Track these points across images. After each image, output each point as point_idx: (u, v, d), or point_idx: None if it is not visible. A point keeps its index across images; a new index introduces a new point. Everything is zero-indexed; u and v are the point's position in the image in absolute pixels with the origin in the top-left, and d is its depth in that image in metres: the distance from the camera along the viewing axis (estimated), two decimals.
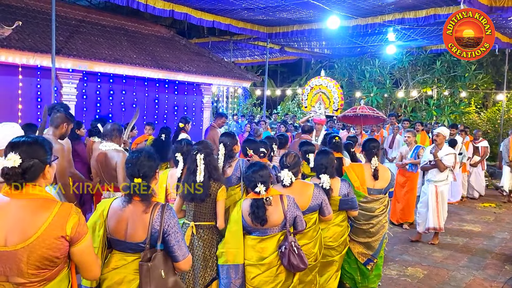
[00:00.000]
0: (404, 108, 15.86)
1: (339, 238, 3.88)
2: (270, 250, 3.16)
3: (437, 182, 6.11)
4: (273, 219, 3.12)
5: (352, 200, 3.89)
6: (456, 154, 6.22)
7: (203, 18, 9.50)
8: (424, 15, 8.94)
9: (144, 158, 2.45)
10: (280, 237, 3.18)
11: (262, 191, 3.10)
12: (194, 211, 3.28)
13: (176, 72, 9.91)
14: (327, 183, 3.75)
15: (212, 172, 3.27)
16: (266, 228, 3.15)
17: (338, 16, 8.98)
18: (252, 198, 3.15)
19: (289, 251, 3.09)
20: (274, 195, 3.17)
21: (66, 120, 4.07)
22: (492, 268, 5.46)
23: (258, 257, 3.17)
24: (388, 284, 4.80)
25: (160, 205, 2.40)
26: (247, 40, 12.99)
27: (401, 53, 14.57)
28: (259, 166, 3.22)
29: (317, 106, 8.54)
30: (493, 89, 17.19)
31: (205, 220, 3.29)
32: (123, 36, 10.21)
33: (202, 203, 3.26)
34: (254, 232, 3.20)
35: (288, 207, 3.18)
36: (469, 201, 9.42)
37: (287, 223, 3.17)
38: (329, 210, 3.64)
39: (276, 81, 24.73)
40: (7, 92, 7.53)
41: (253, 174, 3.17)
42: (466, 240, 6.61)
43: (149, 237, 2.34)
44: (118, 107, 9.49)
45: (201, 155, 3.24)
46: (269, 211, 3.10)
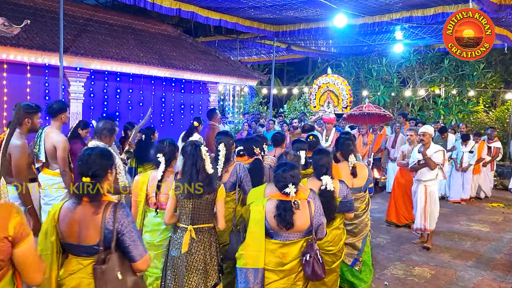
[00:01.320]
0: (411, 107, 15.74)
1: (338, 242, 3.74)
2: (292, 256, 3.00)
3: (426, 182, 5.98)
4: (299, 224, 2.97)
5: (350, 202, 3.76)
6: (444, 151, 6.02)
7: (210, 17, 9.49)
8: (432, 13, 8.85)
9: (96, 156, 2.35)
10: (303, 244, 3.03)
11: (292, 193, 2.93)
12: (192, 213, 3.11)
13: (183, 70, 9.92)
14: (331, 184, 3.58)
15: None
16: (290, 233, 2.99)
17: (345, 14, 8.93)
18: (279, 199, 2.97)
19: (313, 260, 2.95)
20: (302, 199, 3.02)
21: (26, 114, 3.92)
22: (501, 268, 5.41)
23: (277, 262, 3.01)
24: (395, 284, 4.77)
25: (112, 204, 2.30)
26: (253, 38, 12.96)
27: (408, 52, 14.45)
28: (290, 166, 3.04)
29: (326, 105, 8.44)
30: (502, 88, 17.02)
31: (203, 222, 3.14)
32: (130, 34, 10.24)
33: (200, 205, 3.10)
34: (276, 236, 3.03)
35: (315, 213, 3.04)
36: (477, 201, 9.34)
37: (312, 230, 3.02)
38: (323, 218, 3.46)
39: (283, 80, 24.69)
40: (16, 90, 7.59)
41: (284, 173, 2.98)
42: (474, 240, 6.55)
43: (103, 239, 2.25)
44: (125, 105, 9.53)
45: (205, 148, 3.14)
46: (296, 215, 2.94)
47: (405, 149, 7.08)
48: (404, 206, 7.05)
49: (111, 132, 4.13)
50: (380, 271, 5.11)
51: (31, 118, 3.95)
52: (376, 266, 5.28)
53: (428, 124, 7.76)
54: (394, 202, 7.14)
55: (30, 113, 3.94)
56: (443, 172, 5.99)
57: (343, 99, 8.23)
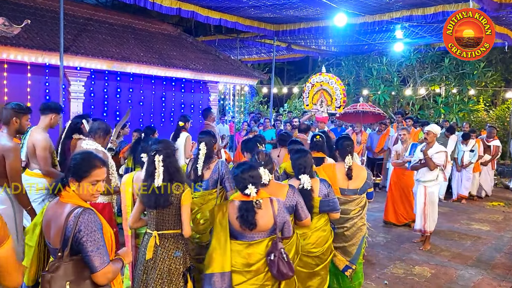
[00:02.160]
0: (411, 106, 15.75)
1: (322, 244, 3.60)
2: (258, 256, 2.96)
3: (426, 182, 5.87)
4: (262, 224, 2.93)
5: (333, 201, 3.63)
6: (447, 152, 5.91)
7: (210, 16, 9.49)
8: (432, 12, 8.85)
9: (81, 155, 2.31)
10: (268, 243, 2.99)
11: (252, 193, 2.90)
12: (156, 218, 2.99)
13: (183, 70, 9.92)
14: (308, 183, 3.51)
15: (173, 175, 2.99)
16: (254, 233, 2.95)
17: (345, 13, 8.92)
18: (241, 200, 2.94)
19: (278, 259, 2.91)
20: (264, 198, 2.97)
21: (15, 114, 3.81)
22: (501, 267, 5.41)
23: (244, 263, 2.97)
24: (395, 283, 4.78)
25: (79, 209, 2.17)
26: (254, 38, 12.95)
27: (409, 51, 14.45)
28: (249, 166, 3.00)
29: (319, 103, 8.31)
30: (503, 86, 17.02)
31: (169, 228, 2.99)
32: (130, 34, 10.24)
33: (164, 210, 2.96)
34: (240, 237, 3.00)
35: (279, 211, 2.98)
36: (478, 200, 9.34)
37: (276, 229, 2.97)
38: (305, 214, 3.39)
39: (283, 79, 24.69)
40: (16, 90, 7.59)
41: (242, 174, 2.94)
42: (475, 239, 6.55)
43: (61, 244, 2.13)
44: (125, 105, 9.53)
45: (159, 156, 2.95)
46: (258, 215, 2.90)
47: (398, 148, 7.00)
48: (402, 206, 7.01)
49: (105, 133, 4.05)
50: (380, 270, 5.12)
51: (19, 118, 3.84)
52: (376, 265, 5.29)
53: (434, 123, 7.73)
54: (391, 202, 7.09)
55: (19, 113, 3.85)
56: (444, 173, 5.93)
57: (336, 98, 8.10)
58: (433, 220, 5.95)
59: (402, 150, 6.89)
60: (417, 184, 6.04)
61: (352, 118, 9.21)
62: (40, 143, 4.11)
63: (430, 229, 5.92)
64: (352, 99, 16.30)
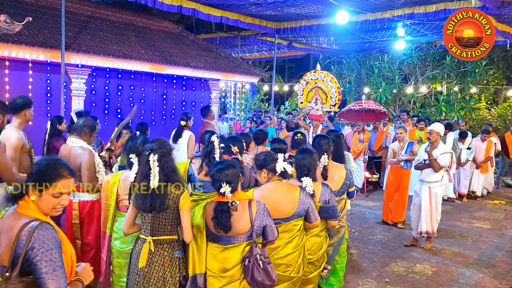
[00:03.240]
0: (413, 104, 15.73)
1: (318, 250, 3.46)
2: (234, 261, 2.81)
3: (431, 183, 5.70)
4: (238, 227, 2.77)
5: (333, 208, 3.44)
6: (452, 153, 5.69)
7: (211, 14, 9.49)
8: (434, 10, 8.84)
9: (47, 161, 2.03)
10: (246, 247, 2.82)
11: (227, 193, 2.73)
12: (152, 223, 2.81)
13: (184, 67, 9.91)
14: (310, 187, 3.31)
15: (170, 176, 2.81)
16: (230, 236, 2.80)
17: (346, 11, 8.90)
18: (217, 200, 2.81)
19: (252, 265, 2.74)
20: (242, 200, 2.81)
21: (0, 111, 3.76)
22: (502, 266, 5.41)
23: (220, 268, 2.83)
24: (396, 281, 4.78)
25: (34, 222, 1.86)
26: (255, 35, 12.95)
27: (410, 48, 14.43)
28: (225, 164, 2.85)
29: (314, 101, 8.14)
30: (504, 84, 16.99)
31: (165, 234, 2.83)
32: (131, 31, 10.24)
33: (160, 214, 2.79)
34: (217, 240, 2.86)
35: (257, 214, 2.80)
36: (479, 198, 9.31)
37: (253, 233, 2.80)
38: (316, 216, 3.24)
39: (284, 77, 24.66)
40: (18, 87, 7.59)
41: (217, 173, 2.79)
42: (476, 237, 6.55)
43: (10, 262, 1.83)
44: (127, 102, 9.53)
45: (154, 156, 2.76)
46: (234, 217, 2.75)
47: (395, 146, 6.87)
48: (395, 205, 6.85)
49: (91, 129, 3.91)
50: (381, 268, 5.12)
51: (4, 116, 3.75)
52: (377, 263, 5.29)
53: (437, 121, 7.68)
54: (387, 201, 6.99)
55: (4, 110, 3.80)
56: (449, 174, 5.82)
57: (331, 96, 7.96)
58: (437, 221, 5.86)
59: (399, 148, 6.77)
60: (421, 185, 5.86)
61: (353, 116, 9.15)
62: (9, 141, 3.87)
63: (434, 230, 5.84)
64: (354, 97, 16.29)
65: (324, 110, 8.09)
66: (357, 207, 8.08)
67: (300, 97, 8.43)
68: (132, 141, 3.33)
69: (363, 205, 8.22)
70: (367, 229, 6.72)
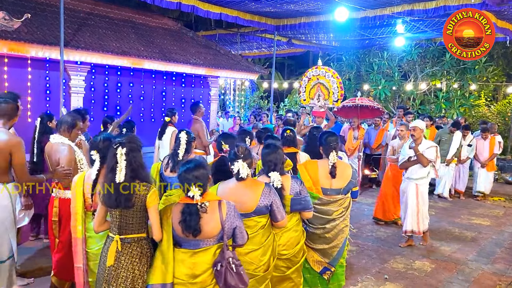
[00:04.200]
0: (412, 101, 15.73)
1: (294, 245, 3.36)
2: (204, 266, 2.67)
3: (418, 180, 5.61)
4: (208, 230, 2.64)
5: (305, 199, 3.35)
6: (437, 147, 5.62)
7: (210, 11, 9.46)
8: (433, 6, 8.80)
9: None
10: (216, 251, 2.69)
11: (196, 195, 2.59)
12: (119, 221, 2.71)
13: (184, 64, 9.90)
14: (278, 181, 3.25)
15: (137, 171, 2.71)
16: (199, 239, 2.66)
17: (346, 7, 8.88)
18: (185, 203, 2.65)
19: (225, 270, 2.63)
20: (211, 201, 2.68)
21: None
22: (501, 262, 5.42)
23: (189, 274, 2.66)
24: (395, 277, 4.79)
25: None
26: (254, 32, 12.93)
27: (410, 45, 14.41)
28: (195, 164, 2.69)
29: (316, 98, 8.06)
30: (504, 81, 16.97)
31: (133, 232, 2.72)
32: (130, 28, 10.22)
33: (128, 211, 2.69)
34: (185, 244, 2.70)
35: (227, 216, 2.69)
36: (481, 197, 9.22)
37: (224, 235, 2.68)
38: (282, 215, 3.14)
39: (284, 74, 24.64)
40: (17, 84, 7.58)
41: (186, 173, 2.64)
42: (475, 234, 6.56)
43: None
44: (126, 99, 9.52)
45: (122, 149, 2.66)
46: (203, 219, 2.62)
47: (395, 144, 6.73)
48: (392, 202, 6.73)
49: (70, 126, 3.83)
50: (381, 265, 5.13)
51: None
52: (376, 259, 5.30)
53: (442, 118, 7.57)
54: (381, 198, 6.85)
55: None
56: (436, 169, 5.69)
57: (334, 92, 7.87)
58: (426, 218, 5.75)
59: (399, 146, 6.64)
60: (408, 182, 5.73)
61: (349, 113, 9.08)
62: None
63: (424, 228, 5.71)
64: (353, 94, 16.28)
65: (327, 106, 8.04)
66: (356, 204, 8.08)
67: (302, 94, 8.33)
68: (94, 137, 3.26)
69: (362, 202, 8.23)
70: (366, 226, 6.73)
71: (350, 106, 8.65)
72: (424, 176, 5.61)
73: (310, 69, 8.31)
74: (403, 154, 5.78)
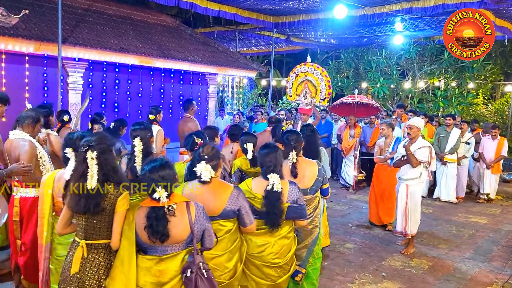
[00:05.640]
0: (410, 99, 15.74)
1: (286, 253, 3.19)
2: (171, 273, 2.49)
3: (408, 181, 5.41)
4: (177, 234, 2.46)
5: (301, 207, 3.17)
6: (431, 148, 5.37)
7: (209, 8, 9.43)
8: (432, 5, 8.79)
9: None
10: (185, 256, 2.53)
11: (162, 198, 2.41)
12: (85, 225, 2.52)
13: (182, 61, 9.89)
14: (278, 184, 3.02)
15: (109, 175, 2.53)
16: (167, 245, 2.48)
17: (345, 5, 8.87)
18: (150, 206, 2.45)
19: (196, 276, 2.45)
20: (179, 203, 2.50)
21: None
22: (498, 260, 5.44)
23: (155, 282, 2.48)
24: (392, 275, 4.81)
25: None
26: (253, 29, 12.89)
27: (408, 44, 14.40)
28: (160, 163, 2.50)
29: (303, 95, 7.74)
30: (502, 80, 17.01)
31: (100, 238, 2.53)
32: (129, 25, 10.18)
33: (95, 216, 2.50)
34: (150, 251, 2.52)
35: (197, 218, 2.52)
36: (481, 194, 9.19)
37: (194, 239, 2.51)
38: (250, 219, 2.93)
39: (282, 71, 24.61)
40: (14, 80, 7.56)
41: (150, 174, 2.45)
42: (472, 232, 6.58)
43: None
44: (124, 96, 9.51)
45: (92, 153, 2.46)
46: (171, 223, 2.44)
47: (381, 143, 6.49)
48: (383, 205, 6.48)
49: (34, 121, 3.67)
50: (378, 262, 5.14)
51: None
52: (374, 257, 5.31)
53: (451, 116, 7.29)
54: (374, 200, 6.60)
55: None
56: (428, 171, 5.46)
57: (321, 90, 7.63)
58: (416, 222, 5.49)
59: (385, 145, 6.40)
60: (399, 183, 5.57)
61: (345, 111, 9.02)
62: None
63: (412, 232, 5.46)
64: (351, 92, 16.27)
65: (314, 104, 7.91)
66: (354, 202, 8.10)
67: (289, 90, 8.20)
68: (69, 134, 3.08)
69: (360, 200, 8.24)
70: (364, 223, 6.74)
71: (347, 104, 8.63)
72: (415, 177, 5.38)
73: (299, 65, 8.15)
74: (398, 152, 5.61)
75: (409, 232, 5.47)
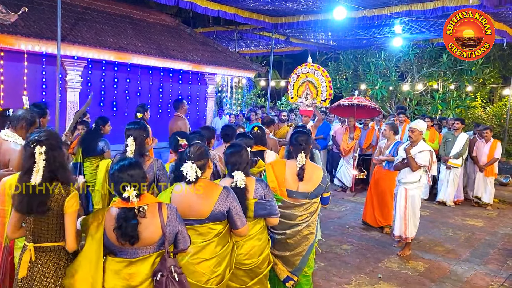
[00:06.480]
0: (409, 102, 15.76)
1: (257, 255, 3.08)
2: (141, 277, 2.39)
3: (407, 184, 5.37)
4: (147, 236, 2.38)
5: (270, 204, 3.09)
6: (432, 151, 5.27)
7: (209, 7, 9.43)
8: (432, 7, 8.80)
9: None
10: (156, 259, 2.44)
11: (132, 197, 2.31)
12: (33, 227, 2.41)
13: (181, 61, 9.88)
14: (242, 180, 2.97)
15: (56, 172, 2.42)
16: (137, 247, 2.39)
17: (344, 7, 8.88)
18: (119, 207, 2.36)
19: (167, 279, 2.37)
20: (150, 204, 2.42)
21: None
22: (494, 263, 5.46)
23: (124, 286, 2.39)
24: (389, 277, 4.82)
25: None
26: (252, 30, 12.89)
27: (407, 46, 14.43)
28: (129, 162, 2.42)
29: (304, 96, 7.81)
30: (500, 83, 17.05)
31: (48, 240, 2.43)
32: (128, 24, 10.18)
33: (42, 217, 2.39)
34: (120, 253, 2.42)
35: (169, 220, 2.43)
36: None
37: (166, 241, 2.43)
38: (242, 221, 2.84)
39: (281, 72, 24.63)
40: (13, 78, 7.55)
41: (120, 173, 2.36)
42: (469, 234, 6.60)
43: None
44: (122, 95, 9.50)
45: (41, 148, 2.36)
46: (142, 225, 2.35)
47: (382, 144, 6.48)
48: (379, 208, 6.48)
49: (29, 124, 3.45)
50: (374, 264, 5.15)
51: None
52: (370, 258, 5.32)
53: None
54: (370, 202, 6.59)
55: None
56: (428, 175, 5.43)
57: (322, 91, 7.67)
58: (414, 226, 5.48)
59: (385, 146, 6.36)
60: (398, 186, 5.54)
61: (345, 112, 9.00)
62: None
63: (411, 235, 5.46)
64: (350, 93, 16.29)
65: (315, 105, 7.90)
66: (351, 203, 8.11)
67: (290, 92, 8.13)
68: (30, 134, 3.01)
69: (357, 202, 8.25)
70: (361, 225, 6.75)
71: (346, 105, 8.62)
72: (414, 180, 5.35)
73: (300, 66, 8.08)
74: (399, 155, 5.59)
75: (409, 236, 5.47)
